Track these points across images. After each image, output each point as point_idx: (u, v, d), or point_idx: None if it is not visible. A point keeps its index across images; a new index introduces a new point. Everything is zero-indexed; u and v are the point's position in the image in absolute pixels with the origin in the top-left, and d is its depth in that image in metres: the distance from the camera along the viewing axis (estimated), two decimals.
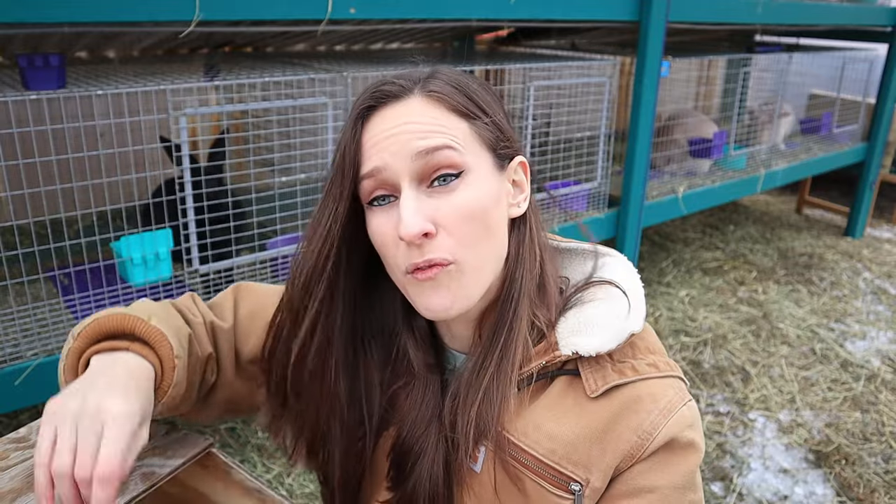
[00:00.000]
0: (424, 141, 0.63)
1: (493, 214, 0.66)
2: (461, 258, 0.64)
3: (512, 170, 0.70)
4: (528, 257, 0.70)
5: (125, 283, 1.79)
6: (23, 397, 1.48)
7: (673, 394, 0.66)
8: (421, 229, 0.62)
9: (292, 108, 2.05)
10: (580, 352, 0.66)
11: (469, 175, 0.65)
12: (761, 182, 3.35)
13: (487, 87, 0.71)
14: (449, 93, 0.66)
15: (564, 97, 2.54)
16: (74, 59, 2.45)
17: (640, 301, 0.69)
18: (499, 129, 0.68)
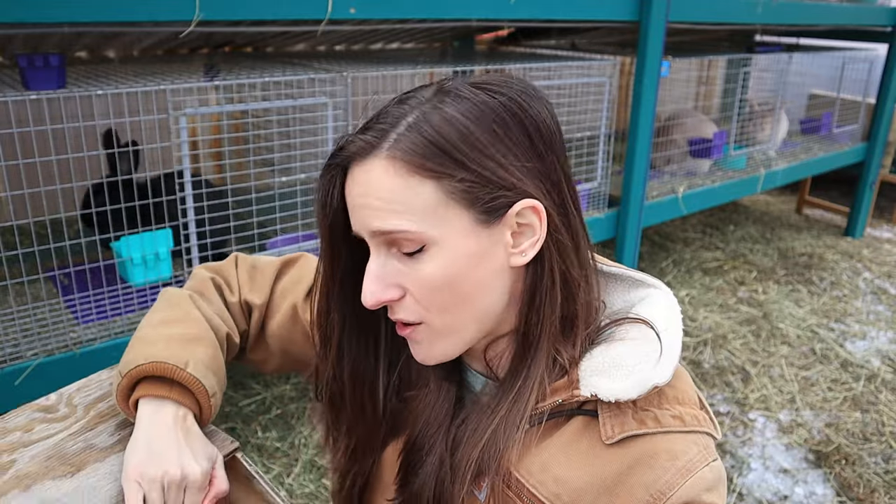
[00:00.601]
0: (379, 221, 0.60)
1: (467, 280, 0.62)
2: (430, 321, 0.64)
3: (511, 219, 0.62)
4: (546, 300, 0.64)
5: (125, 283, 1.79)
6: (23, 397, 1.48)
7: (696, 452, 0.61)
8: (377, 302, 0.63)
9: (292, 108, 2.05)
10: (599, 395, 0.61)
11: (433, 247, 0.61)
12: (761, 182, 3.35)
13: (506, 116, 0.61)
14: (415, 151, 0.59)
15: (564, 97, 2.54)
16: (74, 59, 2.45)
17: (676, 346, 0.63)
18: (483, 183, 0.60)
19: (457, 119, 0.59)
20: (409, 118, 0.60)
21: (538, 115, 0.62)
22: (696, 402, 0.66)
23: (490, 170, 0.60)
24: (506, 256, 0.63)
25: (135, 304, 1.72)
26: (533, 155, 0.62)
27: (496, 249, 0.63)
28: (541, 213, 0.62)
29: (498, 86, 0.62)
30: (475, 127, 0.60)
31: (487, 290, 0.63)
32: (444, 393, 0.72)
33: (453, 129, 0.59)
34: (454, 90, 0.61)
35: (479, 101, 0.60)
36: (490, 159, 0.60)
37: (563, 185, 0.65)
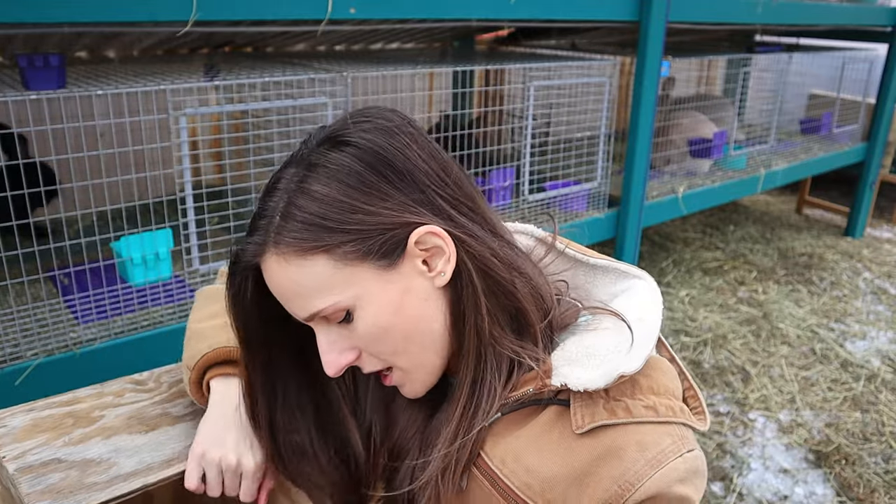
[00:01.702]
0: (299, 310, 0.65)
1: (401, 321, 0.65)
2: (395, 363, 0.68)
3: (412, 250, 0.63)
4: (472, 308, 0.65)
5: (125, 282, 1.79)
6: (23, 397, 1.48)
7: (669, 443, 0.61)
8: (339, 368, 0.67)
9: (292, 108, 2.05)
10: (569, 385, 0.62)
11: (357, 309, 0.64)
12: (761, 182, 3.35)
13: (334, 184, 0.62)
14: (295, 237, 0.62)
15: (564, 97, 2.54)
16: (74, 59, 2.45)
17: (650, 338, 0.64)
18: (364, 237, 0.62)
19: (318, 192, 0.62)
20: (280, 206, 0.63)
21: (397, 152, 0.63)
22: (674, 393, 0.65)
23: (365, 223, 0.62)
24: (428, 282, 0.65)
25: (135, 304, 1.72)
26: (403, 188, 0.63)
27: (414, 281, 0.65)
28: (439, 233, 0.64)
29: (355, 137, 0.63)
30: (339, 191, 0.62)
31: (426, 319, 0.66)
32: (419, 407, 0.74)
33: (319, 204, 0.62)
34: (313, 161, 0.63)
35: (335, 165, 0.63)
36: (361, 213, 0.62)
37: (454, 198, 0.66)
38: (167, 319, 1.70)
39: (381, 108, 0.67)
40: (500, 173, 2.46)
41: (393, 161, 0.63)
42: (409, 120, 0.66)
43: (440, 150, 0.67)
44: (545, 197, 2.59)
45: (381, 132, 0.64)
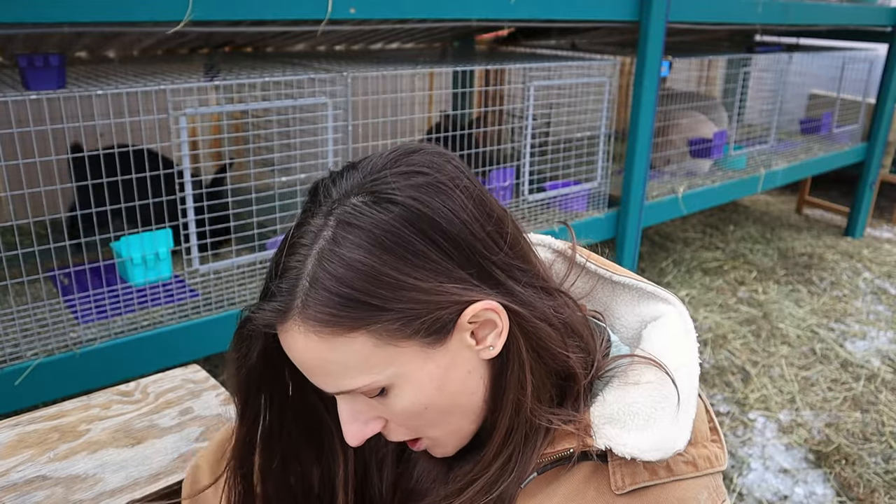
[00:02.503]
0: (327, 387, 0.58)
1: (442, 398, 0.59)
2: (427, 434, 0.63)
3: (464, 325, 0.57)
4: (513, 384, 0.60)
5: (125, 282, 1.79)
6: (23, 397, 1.48)
7: (705, 497, 0.59)
8: (362, 439, 0.61)
9: (292, 108, 2.05)
10: (614, 450, 0.57)
11: (394, 386, 0.57)
12: (761, 182, 3.35)
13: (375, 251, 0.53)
14: (328, 312, 0.53)
15: (564, 97, 2.54)
16: (74, 59, 2.45)
17: (693, 389, 0.60)
18: (413, 315, 0.54)
19: (357, 260, 0.53)
20: (307, 270, 0.54)
21: (452, 216, 0.55)
22: (708, 436, 0.62)
23: (414, 300, 0.54)
24: (474, 355, 0.59)
25: (135, 304, 1.72)
26: (457, 258, 0.56)
27: (461, 356, 0.58)
28: (495, 308, 0.57)
29: (398, 195, 0.54)
30: (379, 261, 0.53)
31: (466, 393, 0.60)
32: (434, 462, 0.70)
33: (358, 274, 0.53)
34: (345, 218, 0.54)
35: (374, 224, 0.53)
36: (409, 290, 0.54)
37: (509, 264, 0.59)
38: (167, 319, 1.70)
39: (432, 152, 0.58)
40: (499, 173, 2.46)
41: (447, 229, 0.54)
42: (462, 168, 0.58)
43: (495, 204, 0.59)
44: (545, 197, 2.59)
45: (432, 189, 0.55)
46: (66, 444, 0.80)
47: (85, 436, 0.82)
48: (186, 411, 0.88)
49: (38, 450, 0.79)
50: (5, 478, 0.74)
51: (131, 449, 0.80)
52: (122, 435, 0.82)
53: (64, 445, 0.80)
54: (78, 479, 0.74)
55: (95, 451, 0.79)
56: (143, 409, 0.88)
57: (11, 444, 0.80)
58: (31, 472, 0.75)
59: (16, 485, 0.73)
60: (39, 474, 0.74)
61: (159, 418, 0.86)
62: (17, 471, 0.75)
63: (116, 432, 0.82)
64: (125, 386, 0.93)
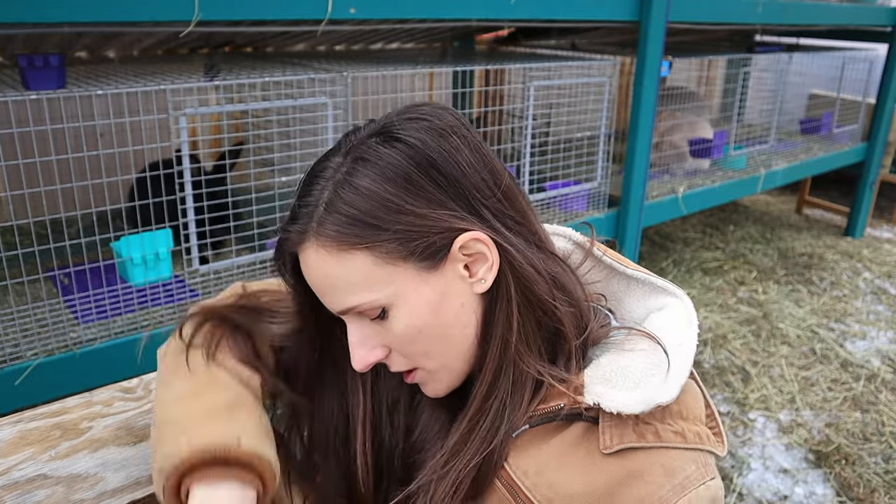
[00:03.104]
0: (336, 304, 0.64)
1: (436, 324, 0.64)
2: (422, 365, 0.67)
3: (456, 254, 0.63)
4: (502, 322, 0.65)
5: (125, 282, 1.79)
6: (23, 397, 1.48)
7: (693, 469, 0.61)
8: (366, 365, 0.66)
9: (292, 108, 2.05)
10: (603, 405, 0.61)
11: (392, 308, 0.63)
12: (761, 182, 3.35)
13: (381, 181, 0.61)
14: (338, 230, 0.61)
15: (564, 97, 2.54)
16: (74, 59, 2.45)
17: (686, 364, 0.63)
18: (409, 238, 0.61)
19: (365, 188, 0.61)
20: (325, 196, 0.62)
21: (448, 156, 0.62)
22: (701, 418, 0.64)
23: (411, 224, 0.61)
24: (467, 287, 0.65)
25: (135, 304, 1.72)
26: (451, 193, 0.63)
27: (454, 285, 0.64)
28: (484, 240, 0.63)
29: (407, 134, 0.62)
30: (385, 191, 0.61)
31: (460, 324, 0.65)
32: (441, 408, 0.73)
33: (366, 200, 0.61)
34: (362, 154, 0.62)
35: (384, 162, 0.61)
36: (408, 214, 0.61)
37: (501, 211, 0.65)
38: (167, 319, 1.70)
39: (436, 105, 0.67)
40: None
41: (443, 166, 0.62)
42: (464, 122, 0.65)
43: (492, 158, 0.66)
44: (545, 197, 2.59)
45: (434, 133, 0.63)
46: (67, 442, 0.79)
47: (87, 433, 0.81)
48: None
49: (40, 447, 0.78)
50: (6, 476, 0.73)
51: (133, 447, 0.79)
52: (124, 433, 0.82)
53: (65, 443, 0.79)
54: (79, 478, 0.74)
55: (97, 449, 0.78)
56: (146, 406, 0.88)
57: (13, 441, 0.79)
58: (32, 471, 0.74)
59: (17, 483, 0.72)
60: (41, 473, 0.74)
61: None
62: (19, 469, 0.74)
63: (118, 430, 0.82)
64: (127, 382, 0.93)
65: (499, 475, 0.66)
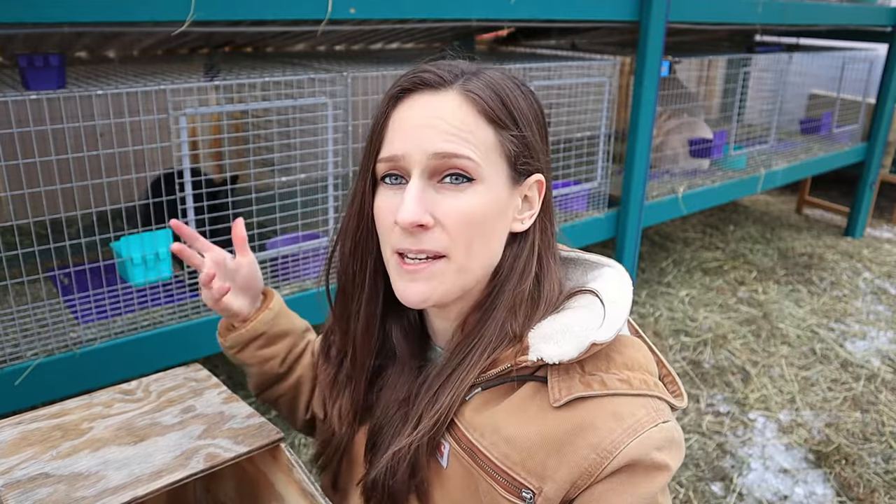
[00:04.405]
0: (447, 143, 0.65)
1: (492, 224, 0.68)
2: (453, 255, 0.67)
3: (527, 186, 0.70)
4: (519, 272, 0.70)
5: (125, 283, 1.79)
6: (23, 397, 1.48)
7: (644, 414, 0.63)
8: (417, 219, 0.65)
9: (292, 108, 2.04)
10: (544, 359, 0.64)
11: (480, 184, 0.66)
12: (761, 182, 3.35)
13: (530, 97, 0.70)
14: (486, 97, 0.66)
15: (564, 97, 2.54)
16: (74, 59, 2.45)
17: (621, 314, 0.66)
18: (524, 144, 0.68)
19: (514, 91, 0.68)
20: (471, 69, 0.68)
21: (544, 115, 0.71)
22: (648, 368, 0.67)
23: (530, 136, 0.68)
24: (510, 220, 0.70)
25: (135, 304, 1.72)
26: (545, 136, 0.71)
27: (510, 209, 0.70)
28: (542, 191, 0.70)
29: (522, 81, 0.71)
30: (526, 103, 0.69)
31: (498, 242, 0.70)
32: (407, 372, 0.76)
33: (514, 87, 0.68)
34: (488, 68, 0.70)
35: (522, 86, 0.70)
36: (532, 131, 0.68)
37: (549, 173, 0.73)
38: (167, 319, 1.70)
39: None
40: None
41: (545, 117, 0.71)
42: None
43: None
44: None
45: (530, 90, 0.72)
46: (68, 442, 0.80)
47: (87, 434, 0.82)
48: (188, 409, 0.88)
49: (41, 447, 0.79)
50: (8, 475, 0.74)
51: (133, 447, 0.80)
52: (124, 433, 0.82)
53: (66, 443, 0.80)
54: (81, 476, 0.74)
55: (98, 448, 0.79)
56: (146, 407, 0.89)
57: (14, 441, 0.80)
58: (34, 470, 0.75)
59: (19, 482, 0.73)
60: (42, 472, 0.74)
61: (161, 416, 0.86)
62: (21, 468, 0.75)
63: (119, 430, 0.82)
64: (127, 385, 0.93)
65: (458, 440, 0.69)
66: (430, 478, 0.71)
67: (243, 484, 0.93)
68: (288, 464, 0.81)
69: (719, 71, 4.35)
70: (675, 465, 0.64)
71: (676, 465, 0.64)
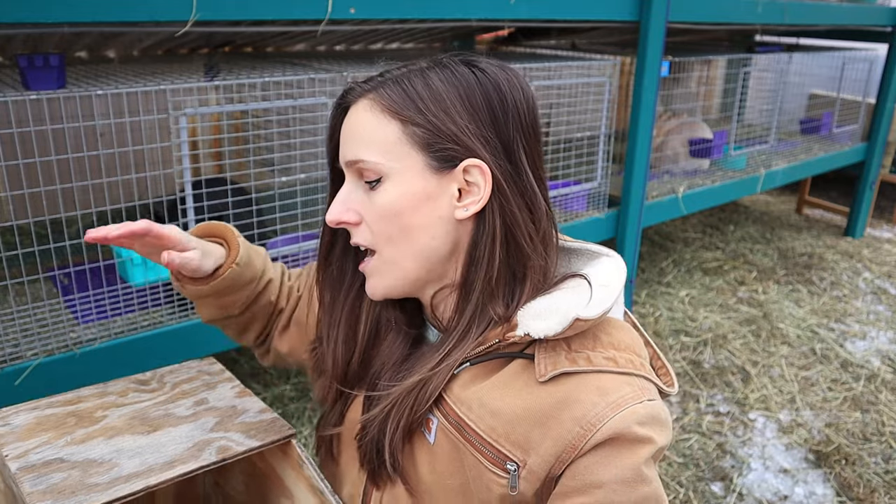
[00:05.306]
0: (349, 152, 0.72)
1: (413, 216, 0.70)
2: (379, 250, 0.73)
3: (459, 173, 0.69)
4: (483, 257, 0.71)
5: (125, 283, 1.79)
6: (23, 397, 1.48)
7: (628, 391, 0.65)
8: (336, 219, 0.73)
9: (292, 108, 2.04)
10: (531, 333, 0.66)
11: (388, 180, 0.70)
12: (761, 182, 3.35)
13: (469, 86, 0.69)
14: (389, 93, 0.70)
15: (564, 97, 2.54)
16: (74, 59, 2.45)
17: (609, 297, 0.67)
18: (436, 132, 0.68)
19: (432, 81, 0.69)
20: (397, 74, 0.71)
21: (511, 99, 0.70)
22: (635, 350, 0.69)
23: (445, 124, 0.68)
24: (451, 208, 0.71)
25: (135, 304, 1.72)
26: (492, 126, 0.70)
27: (443, 198, 0.70)
28: (486, 174, 0.69)
29: (487, 67, 0.71)
30: (445, 90, 0.69)
31: (429, 232, 0.71)
32: (400, 342, 0.79)
33: (426, 88, 0.69)
34: (446, 62, 0.71)
35: (460, 73, 0.70)
36: (448, 116, 0.68)
37: (521, 162, 0.71)
38: (167, 320, 1.70)
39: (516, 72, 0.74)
40: None
41: (505, 102, 0.70)
42: (532, 94, 0.74)
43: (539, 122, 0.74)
44: None
45: (509, 81, 0.71)
46: (82, 429, 0.81)
47: (102, 422, 0.83)
48: (201, 402, 0.89)
49: (56, 433, 0.80)
50: (24, 459, 0.74)
51: (147, 436, 0.80)
52: (138, 422, 0.83)
53: (81, 430, 0.81)
54: (94, 463, 0.74)
55: (112, 436, 0.79)
56: (160, 398, 0.89)
57: (30, 426, 0.81)
58: (48, 455, 0.75)
59: (34, 466, 0.73)
60: (57, 457, 0.75)
61: (175, 407, 0.87)
62: (35, 452, 0.76)
63: (133, 419, 0.83)
64: (142, 375, 0.95)
65: (446, 414, 0.71)
66: (416, 454, 0.73)
67: (253, 479, 0.94)
68: (298, 460, 0.81)
69: (719, 71, 4.35)
70: (661, 441, 0.65)
71: (662, 441, 0.65)
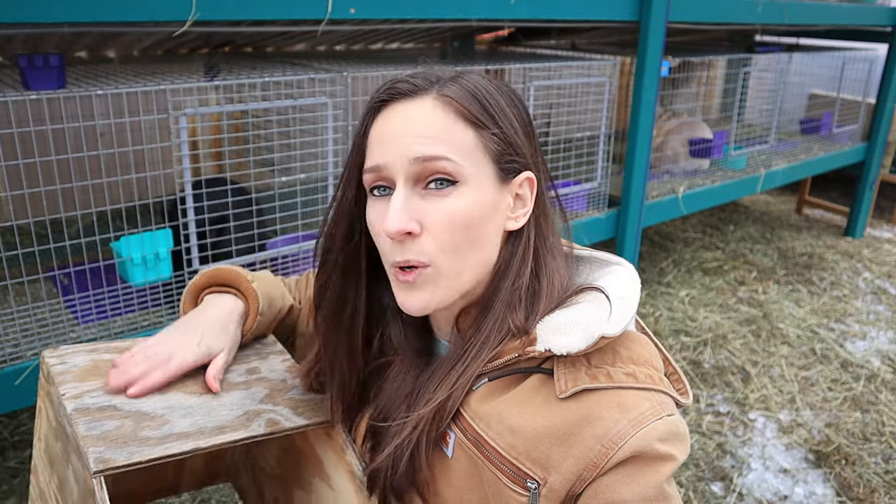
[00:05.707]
0: (424, 147, 0.66)
1: (481, 226, 0.68)
2: (438, 262, 0.68)
3: (517, 184, 0.70)
4: (515, 269, 0.70)
5: (125, 283, 1.79)
6: (23, 397, 1.48)
7: (648, 406, 0.64)
8: (402, 228, 0.66)
9: (292, 108, 2.04)
10: (552, 350, 0.65)
11: (464, 185, 0.67)
12: (761, 182, 3.35)
13: (512, 96, 0.71)
14: (462, 98, 0.67)
15: (564, 97, 2.54)
16: (74, 59, 2.45)
17: (628, 310, 0.67)
18: (506, 142, 0.68)
19: (491, 90, 0.69)
20: (447, 75, 0.69)
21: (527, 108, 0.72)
22: (654, 364, 0.68)
23: (512, 133, 0.69)
24: (504, 219, 0.71)
25: (135, 304, 1.72)
26: (531, 135, 0.72)
27: (501, 208, 0.70)
28: (534, 187, 0.71)
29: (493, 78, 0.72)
30: (505, 101, 0.69)
31: (489, 243, 0.70)
32: (412, 367, 0.77)
33: (492, 87, 0.69)
34: (476, 71, 0.72)
35: (497, 83, 0.71)
36: (513, 128, 0.69)
37: (543, 172, 0.73)
38: (167, 320, 1.70)
39: None
40: None
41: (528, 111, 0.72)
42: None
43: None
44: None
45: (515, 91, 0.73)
46: None
47: None
48: (253, 371, 0.88)
49: None
50: (80, 400, 0.74)
51: (199, 397, 0.79)
52: (190, 381, 0.81)
53: None
54: (147, 416, 0.74)
55: (165, 392, 0.78)
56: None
57: (88, 368, 0.80)
58: (103, 401, 0.74)
59: (88, 409, 0.73)
60: (111, 404, 0.74)
61: (228, 373, 0.86)
62: (91, 396, 0.75)
63: (186, 377, 0.82)
64: None
65: (464, 430, 0.69)
66: (434, 468, 0.71)
67: (287, 454, 0.93)
68: (342, 444, 0.80)
69: (719, 71, 4.34)
70: (681, 456, 0.65)
71: (682, 457, 0.65)
